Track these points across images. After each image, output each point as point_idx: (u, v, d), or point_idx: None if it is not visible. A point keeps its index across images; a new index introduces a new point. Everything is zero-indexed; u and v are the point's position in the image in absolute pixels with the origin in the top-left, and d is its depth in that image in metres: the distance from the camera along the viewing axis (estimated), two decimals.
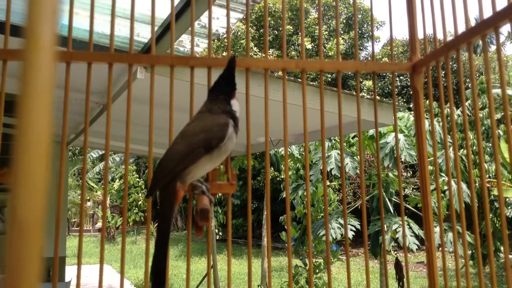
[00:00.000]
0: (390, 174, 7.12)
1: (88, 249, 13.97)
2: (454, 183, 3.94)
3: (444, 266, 1.05)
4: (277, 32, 15.89)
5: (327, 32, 16.39)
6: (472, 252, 7.72)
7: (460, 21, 1.02)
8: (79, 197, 14.51)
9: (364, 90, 15.65)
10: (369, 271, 1.11)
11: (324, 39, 15.71)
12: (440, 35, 1.07)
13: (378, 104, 1.31)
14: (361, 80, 13.09)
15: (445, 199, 6.57)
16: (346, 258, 1.13)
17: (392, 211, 6.95)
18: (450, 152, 4.08)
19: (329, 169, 6.65)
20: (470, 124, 7.55)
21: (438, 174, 1.10)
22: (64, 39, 1.06)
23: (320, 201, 7.38)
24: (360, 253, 12.56)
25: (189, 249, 1.07)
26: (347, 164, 6.70)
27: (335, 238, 6.66)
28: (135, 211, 16.40)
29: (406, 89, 15.24)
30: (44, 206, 0.23)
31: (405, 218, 4.60)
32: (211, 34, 1.21)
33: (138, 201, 16.59)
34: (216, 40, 11.36)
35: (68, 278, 5.13)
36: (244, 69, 1.11)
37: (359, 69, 1.15)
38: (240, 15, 2.24)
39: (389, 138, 6.43)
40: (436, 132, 6.79)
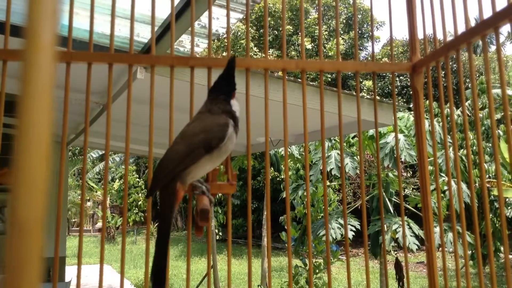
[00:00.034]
0: (390, 174, 7.12)
1: (88, 249, 13.97)
2: (454, 183, 3.94)
3: (444, 266, 1.05)
4: (277, 32, 15.89)
5: (327, 32, 16.39)
6: (472, 252, 7.72)
7: (460, 21, 1.02)
8: (79, 197, 14.51)
9: (364, 90, 15.65)
10: (369, 271, 1.11)
11: (324, 39, 15.71)
12: (440, 35, 1.07)
13: (378, 104, 1.31)
14: (361, 80, 13.10)
15: (445, 199, 6.57)
16: (346, 258, 1.13)
17: (392, 211, 6.95)
18: (450, 152, 4.08)
19: (329, 169, 6.66)
20: (470, 124, 7.56)
21: (438, 174, 1.10)
22: (64, 39, 1.06)
23: (320, 201, 7.38)
24: (360, 253, 12.56)
25: (189, 249, 1.07)
26: (347, 164, 6.70)
27: (335, 238, 6.66)
28: (135, 211, 16.40)
29: (406, 89, 15.24)
30: (45, 206, 0.23)
31: (405, 218, 4.60)
32: (211, 34, 1.21)
33: (138, 201, 16.59)
34: (216, 40, 11.36)
35: (68, 278, 5.13)
36: (244, 69, 1.11)
37: (359, 69, 1.15)
38: (240, 15, 2.24)
39: (389, 138, 6.43)
40: (436, 132, 6.79)
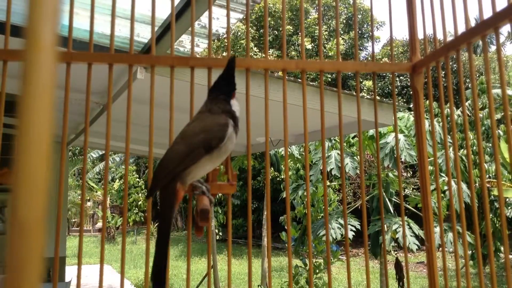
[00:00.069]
0: (390, 174, 7.12)
1: (88, 249, 13.97)
2: (454, 183, 3.94)
3: (444, 266, 1.05)
4: (277, 32, 15.89)
5: (327, 32, 16.39)
6: (472, 252, 7.72)
7: (460, 21, 1.02)
8: (79, 197, 14.52)
9: (364, 90, 15.64)
10: (369, 271, 1.11)
11: (324, 39, 15.71)
12: (440, 35, 1.07)
13: (378, 104, 1.31)
14: (361, 80, 13.09)
15: (445, 199, 6.57)
16: (346, 258, 1.13)
17: (392, 211, 6.95)
18: (450, 152, 4.08)
19: (329, 169, 6.66)
20: (470, 124, 7.56)
21: (438, 174, 1.10)
22: (64, 39, 1.06)
23: (320, 201, 7.38)
24: (360, 253, 12.56)
25: (189, 249, 1.07)
26: (347, 164, 6.70)
27: (335, 238, 6.66)
28: (135, 211, 16.40)
29: (406, 89, 15.23)
30: (45, 206, 0.23)
31: (405, 218, 4.59)
32: (211, 34, 1.21)
33: (138, 201, 16.59)
34: (216, 40, 11.36)
35: (68, 278, 5.14)
36: (244, 69, 1.11)
37: (359, 70, 1.15)
38: (240, 15, 2.25)
39: (389, 138, 6.43)
40: (436, 132, 6.79)
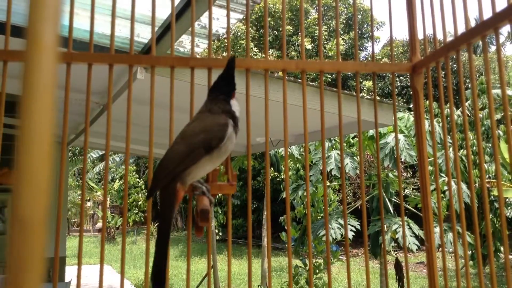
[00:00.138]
0: (390, 175, 7.12)
1: (88, 249, 13.96)
2: (454, 183, 3.94)
3: (444, 266, 1.05)
4: (277, 33, 15.89)
5: (327, 32, 16.39)
6: (472, 253, 7.72)
7: (460, 21, 1.02)
8: (79, 197, 14.51)
9: (364, 91, 15.64)
10: (369, 271, 1.11)
11: (324, 40, 15.71)
12: (440, 35, 1.07)
13: (378, 104, 1.31)
14: (361, 81, 13.08)
15: (445, 199, 6.57)
16: (346, 258, 1.13)
17: (392, 211, 6.95)
18: (450, 153, 4.08)
19: (329, 170, 6.66)
20: (470, 124, 7.56)
21: (438, 174, 1.10)
22: (65, 39, 1.06)
23: (320, 201, 7.38)
24: (360, 253, 12.56)
25: (189, 249, 1.07)
26: (347, 164, 6.70)
27: (335, 238, 6.66)
28: (135, 211, 16.40)
29: (406, 90, 15.23)
30: (47, 206, 0.23)
31: (405, 218, 4.60)
32: (211, 34, 1.21)
33: (138, 202, 16.59)
34: (216, 41, 11.36)
35: (68, 278, 5.14)
36: (244, 69, 1.11)
37: (359, 70, 1.15)
38: (240, 15, 2.25)
39: (389, 139, 6.43)
40: (436, 133, 6.79)
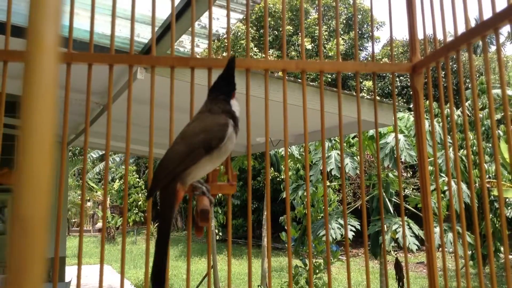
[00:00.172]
0: (390, 175, 7.12)
1: (88, 249, 13.96)
2: (454, 183, 3.94)
3: (444, 266, 1.05)
4: (277, 33, 15.89)
5: (327, 32, 16.38)
6: (472, 253, 7.71)
7: (460, 21, 1.02)
8: (79, 197, 14.51)
9: (364, 91, 15.64)
10: (369, 271, 1.11)
11: (324, 40, 15.70)
12: (440, 35, 1.07)
13: (378, 104, 1.31)
14: (361, 81, 13.08)
15: (445, 199, 6.57)
16: (346, 259, 1.13)
17: (392, 211, 6.95)
18: (450, 153, 4.08)
19: (329, 170, 6.66)
20: (470, 124, 7.56)
21: (438, 174, 1.10)
22: (65, 40, 1.06)
23: (320, 201, 7.38)
24: (360, 253, 12.56)
25: (189, 249, 1.07)
26: (347, 164, 6.70)
27: (335, 238, 6.66)
28: (135, 211, 16.39)
29: (406, 90, 15.23)
30: (48, 206, 0.23)
31: (405, 218, 4.60)
32: (211, 34, 1.21)
33: (138, 202, 16.59)
34: (216, 41, 11.36)
35: (68, 278, 5.13)
36: (244, 69, 1.11)
37: (359, 70, 1.15)
38: (240, 15, 2.25)
39: (389, 139, 6.43)
40: (436, 133, 6.79)
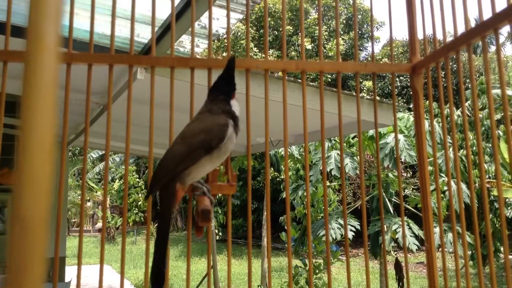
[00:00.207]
0: (390, 175, 7.12)
1: (88, 249, 13.96)
2: (454, 183, 3.94)
3: (444, 266, 1.05)
4: (277, 33, 15.89)
5: (327, 32, 16.38)
6: (472, 253, 7.71)
7: (460, 22, 1.02)
8: (79, 197, 14.51)
9: (364, 91, 15.64)
10: (369, 271, 1.11)
11: (324, 40, 15.70)
12: (439, 35, 1.07)
13: (378, 104, 1.31)
14: (361, 81, 13.07)
15: (445, 199, 6.57)
16: (346, 259, 1.13)
17: (392, 211, 6.95)
18: (450, 153, 4.08)
19: (329, 170, 6.66)
20: (470, 124, 7.56)
21: (438, 174, 1.10)
22: (65, 40, 1.06)
23: (320, 201, 7.38)
24: (360, 254, 12.56)
25: (189, 250, 1.07)
26: (347, 164, 6.70)
27: (335, 238, 6.66)
28: (135, 211, 16.39)
29: (406, 90, 15.23)
30: (48, 206, 0.23)
31: (405, 218, 4.59)
32: (211, 34, 1.21)
33: (138, 202, 16.59)
34: (216, 41, 11.36)
35: (68, 278, 5.13)
36: (244, 69, 1.11)
37: (359, 70, 1.15)
38: (240, 15, 2.25)
39: (389, 139, 6.43)
40: (436, 133, 6.79)
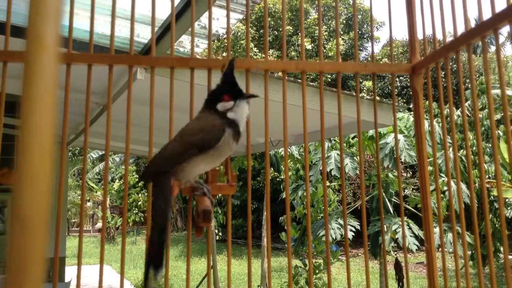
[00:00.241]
0: (390, 175, 7.12)
1: (88, 249, 13.96)
2: (454, 183, 3.94)
3: (444, 266, 1.05)
4: (277, 33, 15.89)
5: (327, 32, 16.38)
6: (471, 253, 7.71)
7: (460, 22, 1.02)
8: (79, 197, 14.50)
9: (364, 91, 15.64)
10: (369, 271, 1.11)
11: (324, 40, 15.70)
12: (439, 36, 1.07)
13: (378, 104, 1.31)
14: (361, 81, 13.06)
15: (445, 199, 6.57)
16: (346, 259, 1.13)
17: (392, 211, 6.95)
18: (450, 153, 4.08)
19: (328, 170, 6.65)
20: (470, 124, 7.56)
21: (438, 174, 1.10)
22: (64, 40, 1.06)
23: (320, 201, 7.38)
24: (360, 254, 12.56)
25: (189, 250, 1.08)
26: (347, 164, 6.70)
27: (335, 238, 6.66)
28: (135, 211, 16.39)
29: (406, 90, 15.23)
30: (48, 206, 0.23)
31: (405, 218, 4.59)
32: (211, 34, 1.21)
33: (138, 202, 16.58)
34: (216, 41, 11.36)
35: (68, 278, 5.13)
36: (244, 70, 1.11)
37: (358, 71, 1.15)
38: (240, 15, 2.25)
39: (389, 139, 6.43)
40: (436, 133, 6.79)
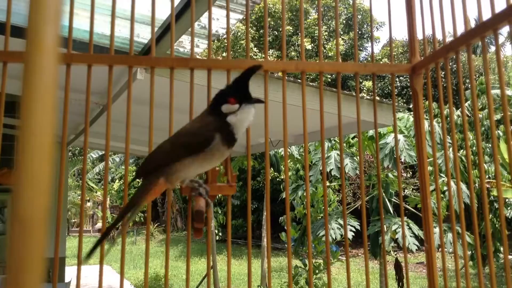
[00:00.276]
0: (390, 175, 7.12)
1: (88, 249, 13.90)
2: (454, 183, 3.94)
3: (444, 266, 1.05)
4: (277, 33, 15.89)
5: (327, 32, 16.38)
6: (471, 253, 7.71)
7: (460, 22, 1.02)
8: (79, 197, 14.50)
9: (364, 91, 15.64)
10: (368, 271, 1.12)
11: (324, 40, 15.71)
12: (439, 36, 1.07)
13: (378, 104, 1.31)
14: (360, 81, 13.07)
15: (445, 199, 6.57)
16: (346, 259, 1.13)
17: (391, 211, 6.95)
18: (450, 153, 4.08)
19: (328, 170, 6.65)
20: (470, 124, 7.56)
21: (438, 174, 1.10)
22: (64, 40, 1.06)
23: (320, 201, 7.38)
24: (360, 254, 12.56)
25: (189, 250, 1.08)
26: (347, 164, 6.70)
27: (335, 238, 6.66)
28: None
29: (406, 90, 15.23)
30: (48, 206, 0.23)
31: (405, 218, 4.59)
32: (211, 35, 1.21)
33: None
34: (216, 41, 11.36)
35: (68, 278, 5.13)
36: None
37: (358, 71, 1.15)
38: (240, 16, 2.25)
39: (389, 139, 6.43)
40: (436, 133, 6.79)
